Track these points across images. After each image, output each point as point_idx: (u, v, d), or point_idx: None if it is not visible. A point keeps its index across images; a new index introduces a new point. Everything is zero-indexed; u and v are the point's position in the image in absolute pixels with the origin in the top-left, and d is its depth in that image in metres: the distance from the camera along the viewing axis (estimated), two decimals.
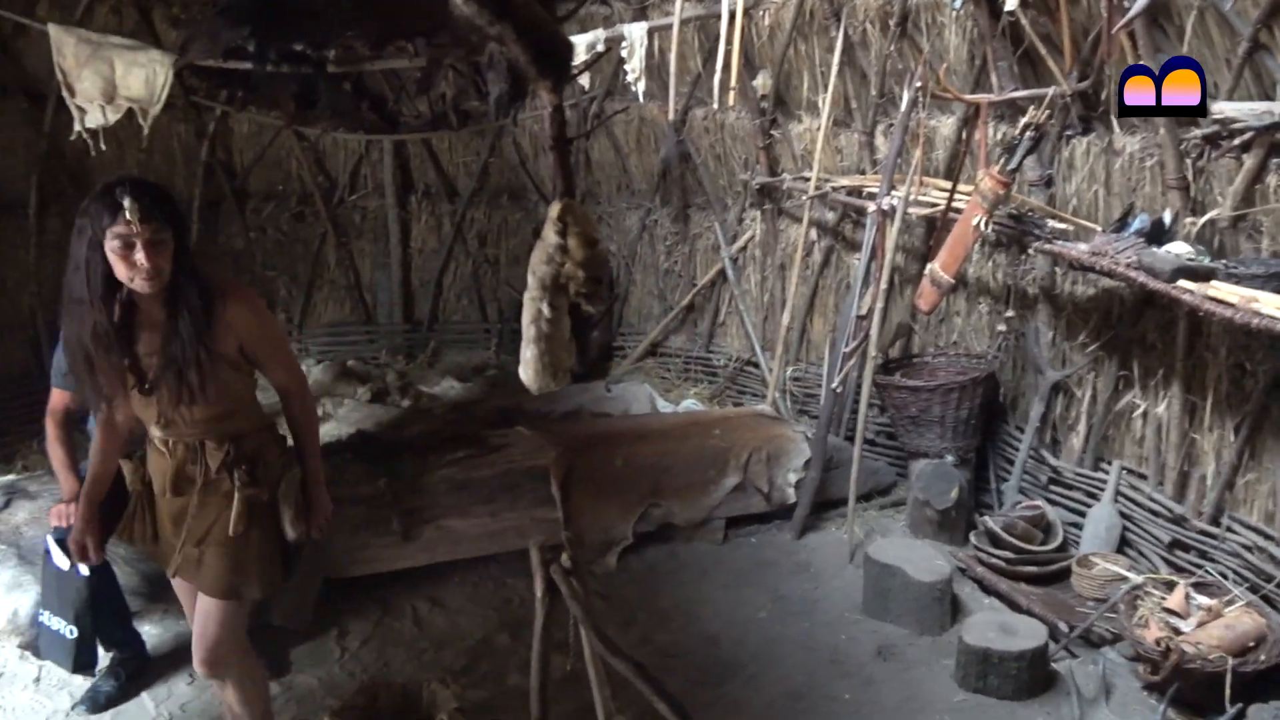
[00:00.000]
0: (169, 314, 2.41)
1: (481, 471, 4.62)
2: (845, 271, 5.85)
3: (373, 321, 7.82)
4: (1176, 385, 4.01)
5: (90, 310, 2.35)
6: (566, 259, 1.83)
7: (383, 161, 7.46)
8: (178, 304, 2.40)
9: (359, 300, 7.77)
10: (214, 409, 2.52)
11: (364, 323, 7.80)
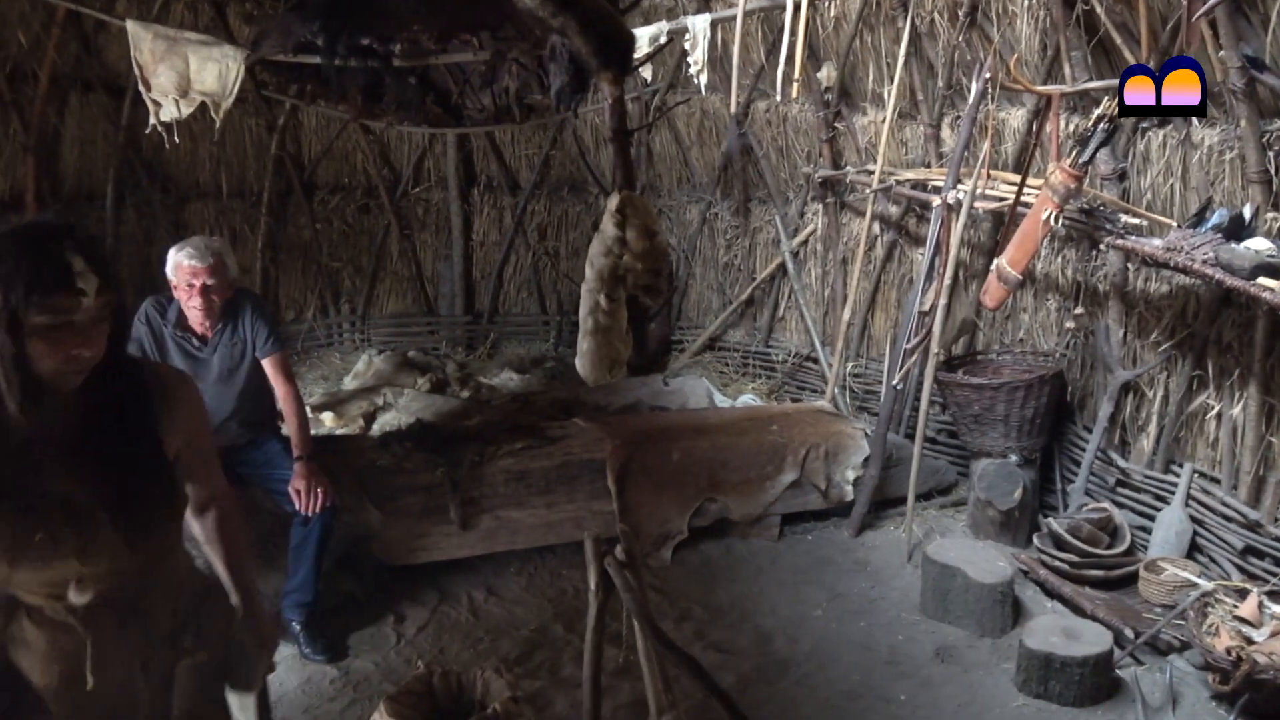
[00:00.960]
0: (101, 414, 1.69)
1: (539, 463, 4.65)
2: (908, 266, 5.76)
3: (434, 313, 7.91)
4: (1254, 386, 3.87)
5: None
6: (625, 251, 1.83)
7: (446, 154, 7.54)
8: (113, 398, 1.71)
9: (420, 291, 7.88)
10: (161, 545, 1.81)
11: (425, 314, 7.90)
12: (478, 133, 7.10)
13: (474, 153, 7.65)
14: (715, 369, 7.04)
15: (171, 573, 1.85)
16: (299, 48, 4.50)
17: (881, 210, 5.74)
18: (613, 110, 1.90)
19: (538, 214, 7.83)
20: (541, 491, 4.57)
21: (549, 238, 7.88)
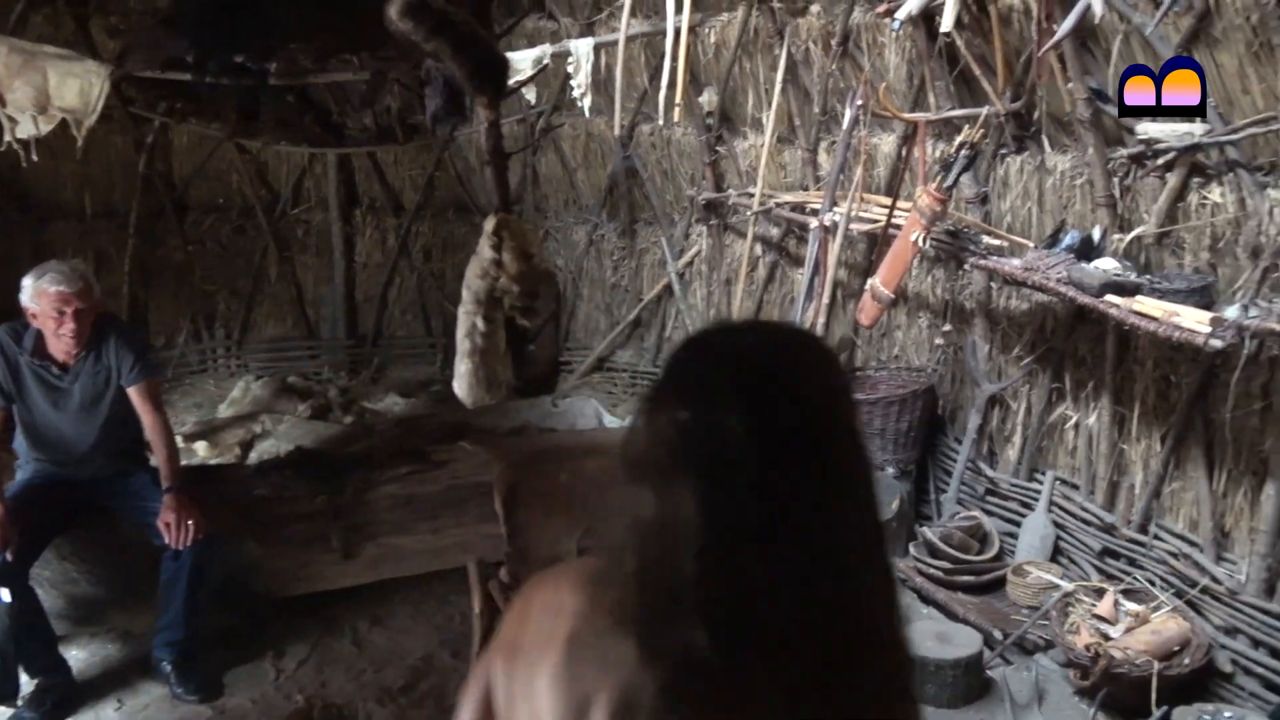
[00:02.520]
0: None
1: (425, 487, 4.58)
2: (790, 286, 5.91)
3: (315, 336, 7.71)
4: (1106, 397, 4.11)
5: None
6: (502, 273, 1.83)
7: (327, 175, 7.39)
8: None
9: (301, 315, 7.67)
10: None
11: (306, 338, 7.69)
12: (359, 153, 6.99)
13: (356, 173, 7.52)
14: (604, 389, 7.07)
15: None
16: (168, 64, 4.35)
17: (763, 232, 5.89)
18: (488, 134, 1.90)
19: (422, 235, 7.73)
20: (428, 516, 4.49)
21: (434, 259, 7.79)
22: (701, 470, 0.98)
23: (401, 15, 1.80)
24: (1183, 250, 3.72)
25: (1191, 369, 3.74)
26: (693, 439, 1.00)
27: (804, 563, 0.98)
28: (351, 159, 7.30)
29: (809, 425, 1.01)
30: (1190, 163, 3.57)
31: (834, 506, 1.01)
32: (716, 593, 0.96)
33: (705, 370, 1.04)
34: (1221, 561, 3.80)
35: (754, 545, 0.97)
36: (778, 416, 0.99)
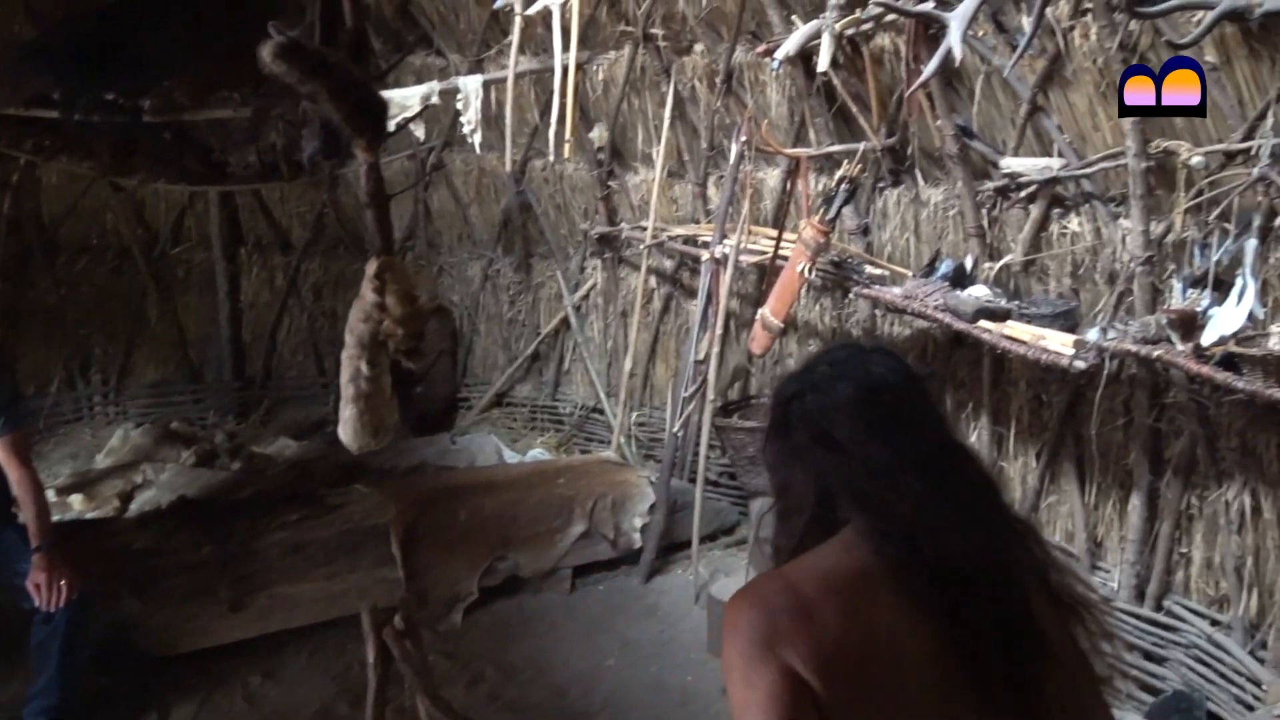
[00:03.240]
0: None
1: (318, 533, 4.47)
2: (685, 317, 6.00)
3: (200, 380, 7.44)
4: (985, 418, 4.30)
5: None
6: (385, 316, 1.82)
7: (209, 213, 7.17)
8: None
9: (184, 358, 7.39)
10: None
11: (190, 381, 7.41)
12: (244, 190, 6.81)
13: (240, 210, 7.32)
14: (504, 425, 7.02)
15: None
16: (32, 100, 4.18)
17: (656, 264, 5.97)
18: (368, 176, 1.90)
19: (312, 273, 7.56)
20: (322, 563, 4.38)
21: (325, 297, 7.62)
22: (898, 423, 1.44)
23: (275, 58, 1.78)
24: (1047, 276, 3.93)
25: (1061, 388, 3.95)
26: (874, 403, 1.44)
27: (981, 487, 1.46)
28: (235, 196, 7.11)
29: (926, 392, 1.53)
30: (1050, 195, 3.79)
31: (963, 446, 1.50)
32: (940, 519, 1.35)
33: (846, 363, 1.49)
34: (1096, 570, 3.99)
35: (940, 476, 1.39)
36: (916, 381, 1.51)
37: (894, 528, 1.35)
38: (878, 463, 1.39)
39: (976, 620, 1.30)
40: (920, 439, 1.43)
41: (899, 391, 1.47)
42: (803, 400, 1.47)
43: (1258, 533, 3.44)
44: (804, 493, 1.45)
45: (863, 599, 1.31)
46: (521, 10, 5.13)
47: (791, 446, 1.46)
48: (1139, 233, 3.44)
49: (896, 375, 1.49)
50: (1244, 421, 3.36)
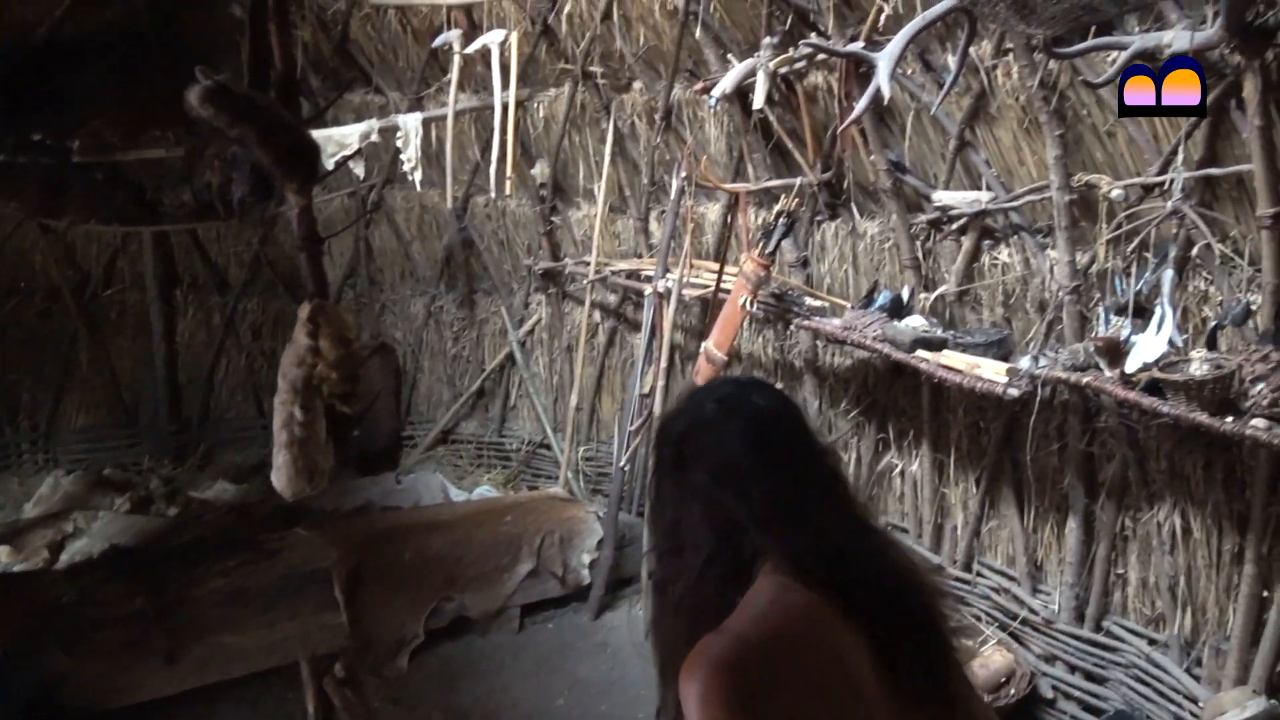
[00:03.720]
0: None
1: (257, 579, 4.35)
2: (630, 351, 6.02)
3: (134, 423, 7.25)
4: (926, 445, 4.37)
5: None
6: (319, 360, 1.80)
7: (142, 253, 7.03)
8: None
9: (117, 401, 7.20)
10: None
11: (124, 425, 7.22)
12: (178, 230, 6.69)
13: (175, 250, 7.18)
14: (450, 462, 6.94)
15: None
16: None
17: (600, 299, 5.99)
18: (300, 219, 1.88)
19: (250, 313, 7.43)
20: (261, 610, 4.26)
21: (264, 337, 7.49)
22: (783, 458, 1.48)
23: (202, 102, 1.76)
24: (981, 306, 4.03)
25: (998, 415, 4.03)
26: (764, 439, 1.47)
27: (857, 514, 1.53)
28: (170, 236, 6.97)
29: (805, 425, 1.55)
30: (981, 227, 3.90)
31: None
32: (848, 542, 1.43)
33: (733, 399, 1.51)
34: (1037, 593, 4.07)
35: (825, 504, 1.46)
36: (797, 411, 1.55)
37: (817, 557, 1.38)
38: (783, 495, 1.44)
39: (898, 630, 1.37)
40: (812, 467, 1.50)
41: (787, 423, 1.52)
42: (697, 438, 1.48)
43: (1189, 552, 3.53)
44: (702, 530, 1.44)
45: (811, 635, 1.33)
46: (460, 49, 5.16)
47: (687, 484, 1.46)
48: (1065, 263, 3.54)
49: (782, 407, 1.54)
50: (1171, 444, 3.46)
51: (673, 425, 1.53)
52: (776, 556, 1.39)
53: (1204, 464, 3.39)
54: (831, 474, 1.53)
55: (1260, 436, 2.81)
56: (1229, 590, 3.44)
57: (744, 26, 4.41)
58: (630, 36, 4.97)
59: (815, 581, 1.36)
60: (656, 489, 1.53)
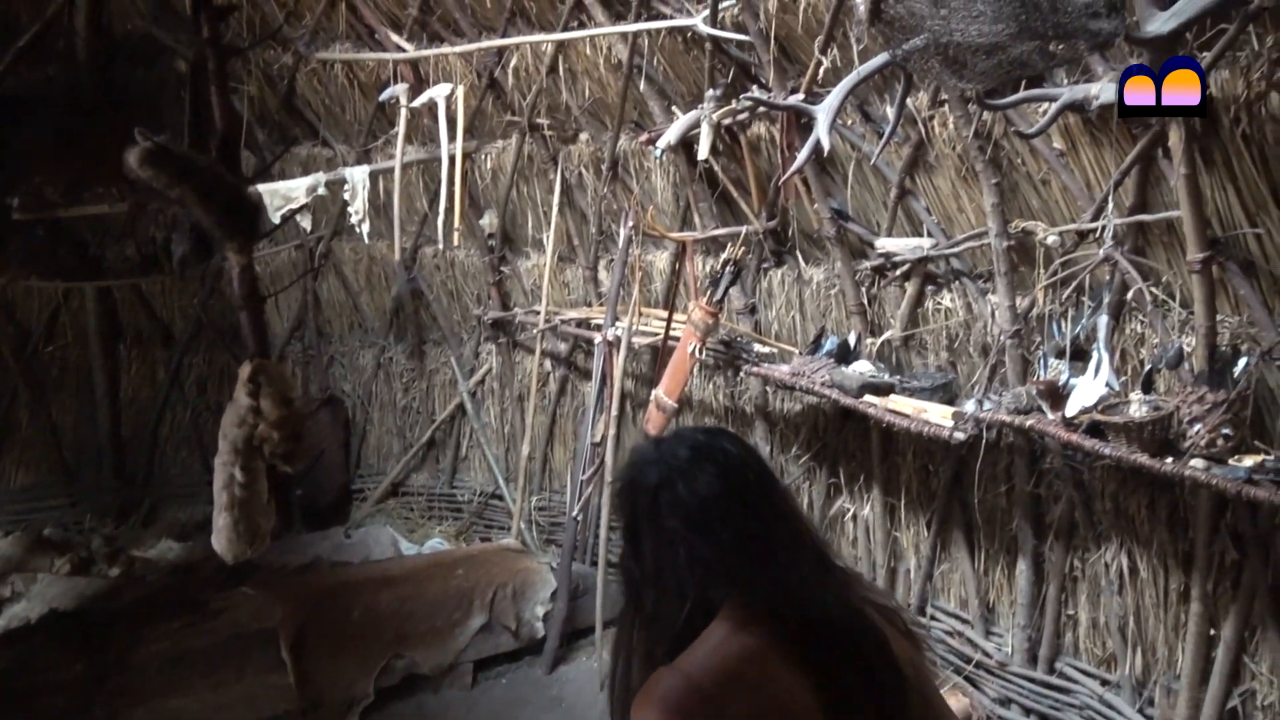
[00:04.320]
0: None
1: (202, 640, 4.25)
2: (581, 399, 6.00)
3: (76, 482, 7.05)
4: (877, 488, 4.40)
5: None
6: (260, 420, 1.77)
7: (85, 308, 6.90)
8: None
9: (58, 459, 7.01)
10: None
11: (65, 484, 7.02)
12: (121, 285, 6.59)
13: (118, 305, 7.06)
14: (400, 515, 6.83)
15: None
16: None
17: (551, 348, 5.98)
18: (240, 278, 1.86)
19: (196, 367, 7.30)
20: (206, 672, 4.16)
21: (210, 391, 7.35)
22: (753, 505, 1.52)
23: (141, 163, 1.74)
24: (926, 350, 4.09)
25: (946, 458, 4.07)
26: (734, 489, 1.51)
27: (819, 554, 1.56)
28: (113, 291, 6.86)
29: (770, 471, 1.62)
30: (923, 272, 3.97)
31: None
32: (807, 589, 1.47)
33: (704, 448, 1.54)
34: (990, 636, 4.09)
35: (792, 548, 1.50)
36: (761, 458, 1.60)
37: (779, 601, 1.43)
38: (754, 541, 1.49)
39: (851, 672, 1.42)
40: (778, 512, 1.55)
41: (754, 468, 1.57)
42: (672, 488, 1.50)
43: (1137, 592, 3.57)
44: (684, 579, 1.47)
45: (760, 677, 1.37)
46: (407, 103, 5.18)
47: (662, 530, 1.49)
48: (1006, 307, 3.62)
49: (749, 453, 1.60)
50: (1115, 484, 3.53)
51: (647, 473, 1.56)
52: (740, 599, 1.43)
53: (1147, 504, 3.46)
54: (795, 516, 1.58)
55: (1199, 477, 2.87)
56: (1177, 629, 3.49)
57: (687, 79, 4.49)
58: (576, 89, 5.03)
59: (773, 624, 1.41)
60: (631, 536, 1.55)
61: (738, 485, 1.53)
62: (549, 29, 4.92)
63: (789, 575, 1.47)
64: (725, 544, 1.47)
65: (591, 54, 4.79)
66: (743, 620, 1.41)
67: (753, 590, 1.44)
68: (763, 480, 1.58)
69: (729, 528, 1.48)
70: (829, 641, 1.42)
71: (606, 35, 4.62)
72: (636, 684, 1.45)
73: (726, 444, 1.58)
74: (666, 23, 4.29)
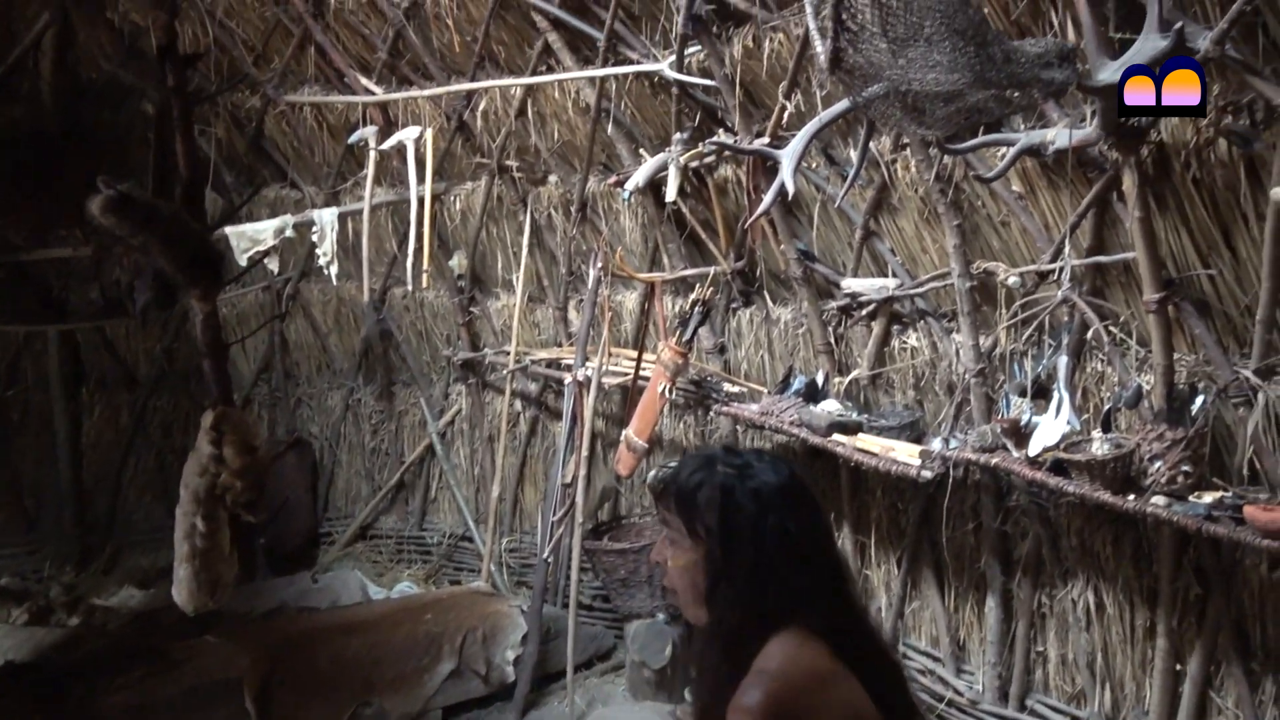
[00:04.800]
0: None
1: (164, 691, 4.17)
2: (552, 439, 5.97)
3: (35, 529, 6.90)
4: (847, 527, 4.41)
5: None
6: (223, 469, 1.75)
7: (47, 351, 6.79)
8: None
9: (17, 507, 6.86)
10: None
11: (24, 531, 6.87)
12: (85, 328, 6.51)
13: (82, 348, 6.96)
14: (369, 559, 6.74)
15: None
16: None
17: (521, 388, 5.97)
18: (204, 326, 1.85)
19: (161, 410, 7.20)
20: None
21: (175, 434, 7.25)
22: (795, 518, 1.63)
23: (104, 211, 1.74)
24: (893, 389, 4.14)
25: (915, 496, 4.10)
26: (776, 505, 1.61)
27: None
28: (76, 333, 6.77)
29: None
30: (889, 312, 4.02)
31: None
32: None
33: (796, 481, 1.67)
34: (961, 674, 4.09)
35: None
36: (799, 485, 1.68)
37: (843, 625, 1.61)
38: (835, 571, 1.69)
39: (897, 691, 1.65)
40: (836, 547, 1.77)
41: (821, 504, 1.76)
42: (774, 515, 1.60)
43: (1104, 627, 3.60)
44: (771, 600, 1.59)
45: (836, 684, 1.53)
46: (376, 145, 5.20)
47: (764, 558, 1.59)
48: (970, 347, 3.67)
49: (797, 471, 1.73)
50: (1080, 521, 3.57)
51: (743, 497, 1.62)
52: (809, 620, 1.57)
53: (1112, 540, 3.50)
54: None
55: (1160, 513, 2.91)
56: (1144, 665, 3.52)
57: (655, 123, 4.55)
58: (545, 132, 5.07)
59: (833, 642, 1.57)
60: (725, 555, 1.60)
61: (825, 519, 1.72)
62: (518, 73, 4.97)
63: (854, 603, 1.70)
64: (814, 573, 1.60)
65: (560, 98, 4.85)
66: (805, 636, 1.55)
67: (828, 616, 1.58)
68: (826, 514, 1.75)
69: (819, 558, 1.63)
70: (880, 661, 1.64)
71: (574, 80, 4.67)
72: (708, 694, 1.63)
73: (800, 473, 1.71)
74: (633, 68, 4.35)
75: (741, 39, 3.90)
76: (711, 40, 3.98)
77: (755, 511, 1.60)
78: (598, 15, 4.43)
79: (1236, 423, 3.09)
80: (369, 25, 5.38)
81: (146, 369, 7.17)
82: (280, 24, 5.67)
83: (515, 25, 4.87)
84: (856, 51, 2.29)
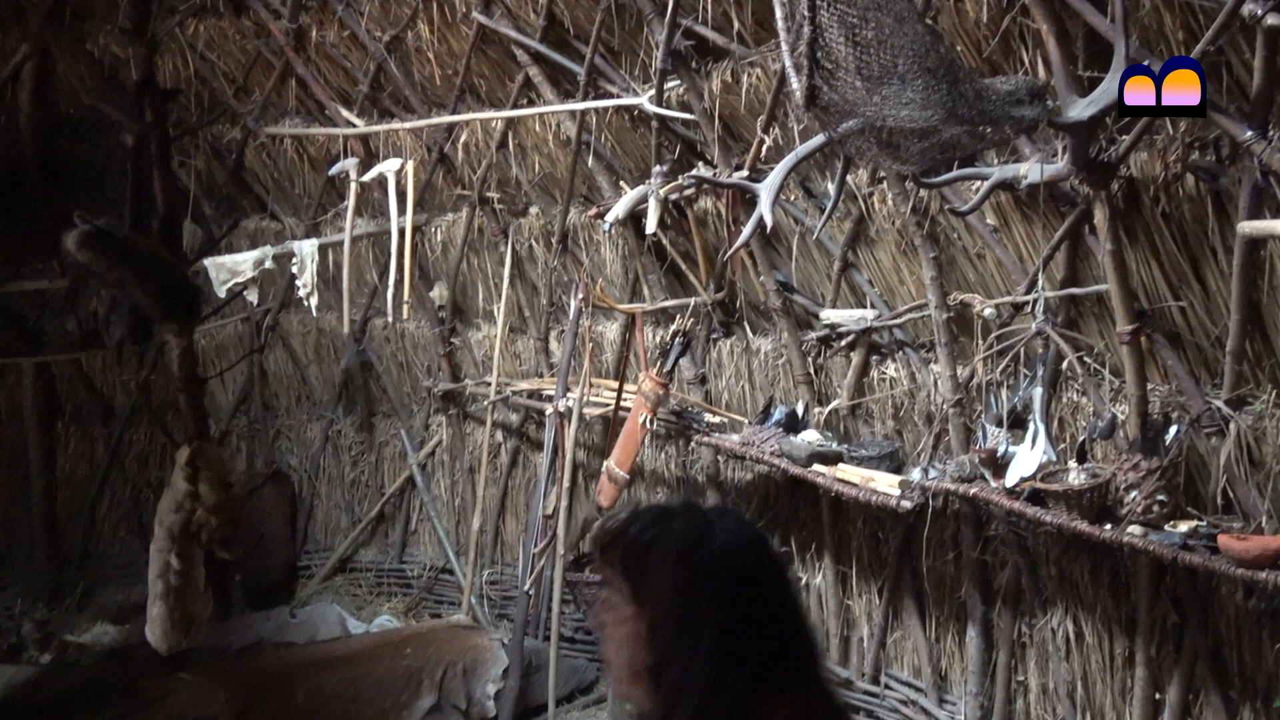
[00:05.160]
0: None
1: None
2: (533, 470, 5.95)
3: (7, 565, 6.79)
4: (828, 557, 4.41)
5: None
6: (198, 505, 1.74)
7: (21, 384, 6.72)
8: None
9: None
10: None
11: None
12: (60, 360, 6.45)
13: (57, 380, 6.89)
14: (348, 592, 6.66)
15: None
16: None
17: (502, 419, 5.95)
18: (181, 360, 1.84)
19: (137, 443, 7.12)
20: None
21: (151, 467, 7.17)
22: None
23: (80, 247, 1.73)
24: (872, 419, 4.15)
25: (895, 525, 4.11)
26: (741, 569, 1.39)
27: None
28: (51, 365, 6.70)
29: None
30: (868, 343, 4.06)
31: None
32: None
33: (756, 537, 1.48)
34: (944, 704, 4.09)
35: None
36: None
37: (807, 682, 1.40)
38: (798, 628, 1.45)
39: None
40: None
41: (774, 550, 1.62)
42: (737, 575, 1.37)
43: (1083, 657, 3.61)
44: (734, 664, 1.33)
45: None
46: (357, 177, 5.21)
47: (734, 621, 1.34)
48: (947, 377, 3.70)
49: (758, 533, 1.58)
50: (1059, 550, 3.58)
51: (704, 557, 1.38)
52: (777, 678, 1.35)
53: (1090, 569, 3.51)
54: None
55: (1136, 543, 2.94)
56: (1124, 694, 3.53)
57: (634, 155, 4.59)
58: (526, 164, 5.10)
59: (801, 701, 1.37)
60: (687, 619, 1.34)
61: (796, 587, 1.59)
62: (499, 106, 5.01)
63: (828, 689, 1.43)
64: (786, 653, 1.37)
65: (541, 130, 4.88)
66: (768, 694, 1.33)
67: (797, 704, 1.35)
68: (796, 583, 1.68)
69: (793, 636, 1.40)
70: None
71: (555, 113, 4.71)
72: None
73: (752, 529, 1.52)
74: (614, 101, 4.40)
75: (720, 74, 3.96)
76: (690, 75, 4.03)
77: (720, 577, 1.35)
78: (578, 50, 4.47)
79: (1210, 452, 3.12)
80: (350, 58, 5.42)
81: (122, 401, 7.09)
82: (261, 56, 5.70)
83: (496, 59, 4.91)
84: (831, 89, 2.32)
